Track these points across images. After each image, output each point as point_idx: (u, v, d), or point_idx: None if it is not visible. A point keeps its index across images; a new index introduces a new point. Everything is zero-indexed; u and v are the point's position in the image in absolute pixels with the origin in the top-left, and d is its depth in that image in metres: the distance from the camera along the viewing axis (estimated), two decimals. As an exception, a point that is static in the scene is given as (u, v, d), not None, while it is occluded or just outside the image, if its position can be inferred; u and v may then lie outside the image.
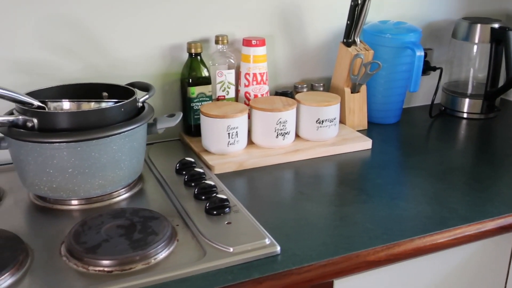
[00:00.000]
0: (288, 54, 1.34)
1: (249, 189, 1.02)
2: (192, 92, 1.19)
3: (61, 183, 0.89)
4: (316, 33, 1.36)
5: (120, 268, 0.74)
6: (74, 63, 1.13)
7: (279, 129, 1.13)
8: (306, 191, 1.00)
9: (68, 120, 0.88)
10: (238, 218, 0.87)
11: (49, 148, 0.87)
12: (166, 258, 0.77)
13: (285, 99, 1.19)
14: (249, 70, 1.22)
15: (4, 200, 0.97)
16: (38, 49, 1.09)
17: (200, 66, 1.19)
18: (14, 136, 0.87)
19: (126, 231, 0.81)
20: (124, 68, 1.17)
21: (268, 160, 1.11)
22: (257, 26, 1.29)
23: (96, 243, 0.78)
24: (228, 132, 1.09)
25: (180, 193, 0.96)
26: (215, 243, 0.79)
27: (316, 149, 1.16)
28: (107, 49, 1.15)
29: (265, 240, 0.80)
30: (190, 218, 0.87)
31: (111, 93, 1.04)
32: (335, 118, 1.19)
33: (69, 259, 0.77)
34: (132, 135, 0.93)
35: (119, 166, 0.93)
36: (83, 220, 0.84)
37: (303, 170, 1.09)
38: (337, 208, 0.93)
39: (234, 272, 0.74)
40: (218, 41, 1.21)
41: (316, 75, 1.39)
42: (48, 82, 1.07)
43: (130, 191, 0.99)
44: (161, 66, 1.21)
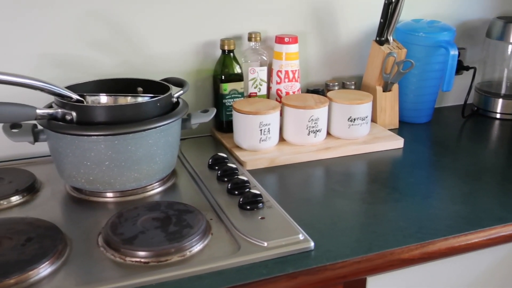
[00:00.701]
0: (319, 52, 1.34)
1: (281, 186, 1.02)
2: (225, 89, 1.20)
3: (98, 175, 0.91)
4: (348, 31, 1.35)
5: (156, 260, 0.75)
6: (110, 58, 1.15)
7: (310, 127, 1.13)
8: (338, 188, 1.00)
9: (106, 113, 0.89)
10: (271, 214, 0.87)
11: (87, 141, 0.88)
12: (201, 251, 0.78)
13: (317, 96, 1.19)
14: (281, 67, 1.23)
15: (41, 192, 0.99)
16: (76, 44, 1.11)
17: (233, 63, 1.20)
18: (53, 128, 0.89)
19: (161, 224, 0.82)
20: (158, 64, 1.19)
21: (300, 157, 1.11)
22: (289, 24, 1.29)
23: (133, 234, 0.79)
24: (260, 129, 1.09)
25: (213, 188, 0.97)
26: (249, 237, 0.80)
27: (347, 147, 1.16)
28: (142, 46, 1.17)
29: (299, 236, 0.80)
30: (223, 213, 0.88)
31: (146, 88, 1.06)
32: (367, 116, 1.19)
33: (107, 249, 0.78)
34: (167, 130, 0.94)
35: (154, 160, 0.94)
36: (120, 212, 0.86)
37: (334, 168, 1.09)
38: (369, 206, 0.93)
39: (269, 267, 0.75)
40: (251, 38, 1.22)
41: (347, 73, 1.39)
42: (85, 77, 1.09)
43: (163, 185, 1.00)
44: (194, 63, 1.22)
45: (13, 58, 1.07)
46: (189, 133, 1.18)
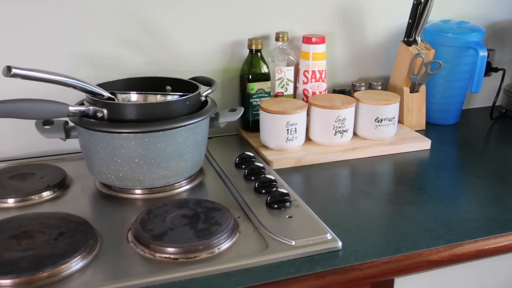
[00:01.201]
0: (346, 52, 1.34)
1: (307, 185, 1.02)
2: (252, 88, 1.20)
3: (128, 172, 0.93)
4: (375, 32, 1.35)
5: (185, 256, 0.76)
6: (139, 57, 1.16)
7: (337, 127, 1.13)
8: (365, 188, 1.00)
9: (136, 111, 0.91)
10: (299, 213, 0.87)
11: (117, 138, 0.90)
12: (229, 249, 0.79)
13: (344, 97, 1.19)
14: (308, 67, 1.23)
15: (71, 187, 1.01)
16: (107, 43, 1.13)
17: (260, 63, 1.20)
18: (85, 125, 0.91)
19: (190, 221, 0.83)
20: (186, 64, 1.20)
21: (326, 157, 1.11)
22: (317, 24, 1.29)
23: (162, 231, 0.80)
24: (287, 128, 1.10)
25: (240, 186, 0.97)
26: (277, 236, 0.80)
27: (374, 147, 1.16)
28: (170, 45, 1.18)
29: (327, 235, 0.80)
30: (251, 211, 0.88)
31: (175, 87, 1.07)
32: (394, 117, 1.18)
33: (136, 245, 0.79)
34: (196, 128, 0.95)
35: (183, 157, 0.95)
36: (149, 209, 0.87)
37: (360, 168, 1.09)
38: (397, 207, 0.93)
39: (296, 265, 0.75)
40: (278, 38, 1.22)
41: (374, 73, 1.38)
42: (115, 75, 1.11)
43: (191, 183, 1.01)
44: (222, 62, 1.23)
45: (46, 57, 1.10)
46: (215, 132, 1.19)
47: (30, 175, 1.01)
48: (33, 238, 0.79)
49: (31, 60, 1.08)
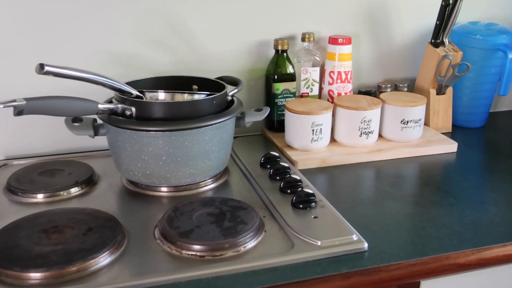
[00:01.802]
0: (372, 53, 1.34)
1: (332, 186, 1.02)
2: (277, 88, 1.20)
3: (155, 170, 0.93)
4: (402, 33, 1.34)
5: (211, 254, 0.77)
6: (166, 56, 1.17)
7: (363, 128, 1.13)
8: (391, 190, 0.99)
9: (164, 110, 0.92)
10: (324, 213, 0.87)
11: (145, 136, 0.91)
12: (255, 248, 0.79)
13: (370, 98, 1.19)
14: (334, 68, 1.23)
15: (99, 184, 1.02)
16: (134, 42, 1.14)
17: (286, 63, 1.20)
18: (114, 123, 0.92)
19: (216, 219, 0.84)
20: (212, 63, 1.21)
21: (351, 159, 1.11)
22: (343, 24, 1.29)
23: (189, 228, 0.81)
24: (313, 129, 1.10)
25: (265, 186, 0.98)
26: (303, 235, 0.80)
27: (399, 149, 1.15)
28: (197, 44, 1.19)
29: (353, 236, 0.80)
30: (276, 210, 0.89)
31: (201, 86, 1.08)
32: (420, 119, 1.17)
33: (163, 242, 0.80)
34: (222, 127, 0.96)
35: (209, 156, 0.96)
36: (175, 206, 0.88)
37: (386, 170, 1.09)
38: (423, 209, 0.92)
39: (322, 265, 0.75)
40: (304, 38, 1.22)
41: (400, 75, 1.37)
42: (142, 74, 1.12)
43: (216, 182, 1.02)
44: (248, 62, 1.24)
45: (76, 55, 1.11)
46: (240, 131, 1.19)
47: (59, 171, 1.03)
48: (62, 233, 0.80)
49: (61, 58, 1.10)
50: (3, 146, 1.13)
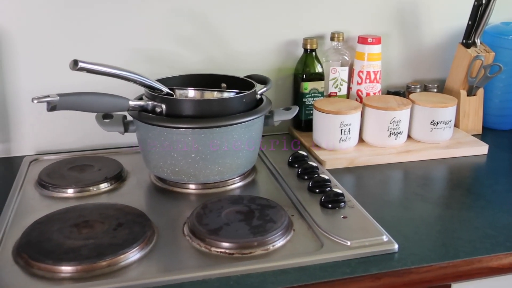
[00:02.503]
0: (402, 53, 1.32)
1: (361, 186, 1.01)
2: (305, 88, 1.20)
3: (184, 167, 0.94)
4: (432, 33, 1.32)
5: (241, 252, 0.77)
6: (195, 54, 1.18)
7: (392, 129, 1.12)
8: (420, 192, 0.98)
9: (194, 107, 0.92)
10: (353, 213, 0.87)
11: (175, 133, 0.91)
12: (284, 246, 0.79)
13: (399, 98, 1.18)
14: (363, 68, 1.22)
15: (127, 180, 1.03)
16: (164, 40, 1.15)
17: (314, 62, 1.20)
18: (144, 120, 0.93)
19: (245, 217, 0.84)
20: (241, 62, 1.21)
21: (380, 159, 1.10)
22: (372, 24, 1.28)
23: (218, 226, 0.81)
24: (341, 129, 1.09)
25: (293, 185, 0.97)
26: (332, 235, 0.80)
27: (428, 150, 1.13)
28: (225, 43, 1.19)
29: (383, 237, 0.79)
30: (305, 210, 0.88)
31: (230, 84, 1.08)
32: (450, 120, 1.16)
33: (192, 239, 0.80)
34: (251, 126, 0.96)
35: (238, 154, 0.96)
36: (204, 204, 0.88)
37: (415, 171, 1.07)
38: (454, 211, 0.90)
39: (352, 266, 0.74)
40: (333, 37, 1.21)
41: (429, 76, 1.36)
42: (172, 72, 1.12)
43: (244, 180, 1.02)
44: (276, 61, 1.24)
45: (107, 51, 1.13)
46: (267, 130, 1.19)
47: (89, 167, 1.04)
48: (93, 228, 0.81)
49: (91, 54, 1.11)
50: (35, 141, 1.15)
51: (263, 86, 1.05)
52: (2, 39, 1.08)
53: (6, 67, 1.09)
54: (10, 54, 1.09)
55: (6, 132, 1.14)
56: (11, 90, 1.11)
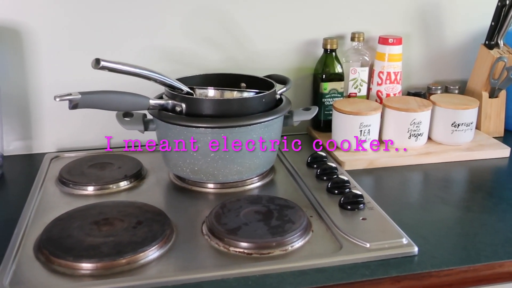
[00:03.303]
0: (422, 54, 1.31)
1: (380, 188, 1.01)
2: (325, 88, 1.19)
3: (203, 166, 0.94)
4: (454, 34, 1.31)
5: (259, 252, 0.76)
6: (214, 53, 1.18)
7: (412, 130, 1.11)
8: (441, 194, 0.97)
9: (214, 107, 0.92)
10: (372, 215, 0.86)
11: (195, 132, 0.91)
12: (302, 247, 0.79)
13: (420, 99, 1.16)
14: (383, 68, 1.21)
15: (147, 178, 1.03)
16: (185, 39, 1.15)
17: (334, 62, 1.19)
18: (164, 119, 0.93)
19: (263, 217, 0.83)
20: (260, 61, 1.21)
21: (399, 161, 1.09)
22: (393, 24, 1.27)
23: (236, 225, 0.81)
24: (361, 129, 1.08)
25: (312, 185, 0.97)
26: (351, 237, 0.79)
27: (449, 153, 1.12)
28: (245, 42, 1.19)
29: (402, 240, 0.79)
30: (324, 211, 0.88)
31: (249, 84, 1.08)
32: (472, 122, 1.14)
33: (211, 238, 0.80)
34: (271, 125, 0.96)
35: (257, 154, 0.96)
36: (223, 203, 0.88)
37: (435, 174, 1.06)
38: (475, 215, 0.89)
39: (371, 268, 0.74)
40: (354, 38, 1.21)
41: (450, 77, 1.34)
42: (190, 71, 1.13)
43: (262, 180, 1.02)
44: (295, 61, 1.23)
45: (127, 50, 1.13)
46: (286, 130, 1.18)
47: (109, 165, 1.05)
48: (113, 225, 0.81)
49: (112, 52, 1.12)
50: (55, 139, 1.16)
51: (282, 86, 1.05)
52: (25, 37, 1.09)
53: (28, 65, 1.11)
54: (32, 52, 1.10)
55: (27, 129, 1.15)
56: (33, 87, 1.12)
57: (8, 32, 1.08)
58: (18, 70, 1.10)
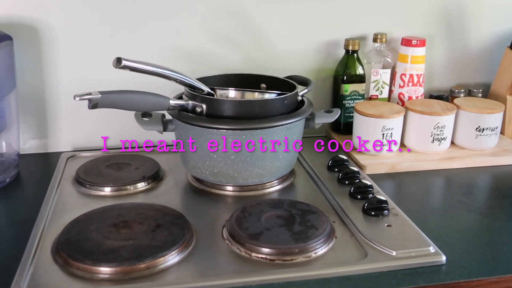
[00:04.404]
0: (446, 56, 1.28)
1: (403, 193, 0.98)
2: (346, 90, 1.17)
3: (223, 168, 0.92)
4: (479, 36, 1.28)
5: (282, 258, 0.74)
6: (234, 53, 1.16)
7: (435, 134, 1.08)
8: (466, 201, 0.94)
9: (235, 108, 0.90)
10: (397, 222, 0.84)
11: (215, 133, 0.89)
12: (326, 254, 0.76)
13: (443, 103, 1.14)
14: (406, 70, 1.18)
15: (165, 180, 1.02)
16: (204, 39, 1.13)
17: (356, 64, 1.17)
18: (184, 120, 0.91)
19: (285, 222, 0.81)
20: (280, 62, 1.19)
21: (422, 165, 1.07)
22: (416, 26, 1.24)
23: (258, 230, 0.79)
24: (383, 133, 1.06)
25: (333, 190, 0.95)
26: (376, 244, 0.77)
27: (473, 158, 1.09)
28: (265, 42, 1.17)
29: (430, 248, 0.76)
30: (347, 216, 0.86)
31: (269, 84, 1.06)
32: (497, 127, 1.11)
33: (232, 243, 0.78)
34: (292, 128, 0.94)
35: (277, 157, 0.94)
36: (243, 207, 0.86)
37: (459, 179, 1.04)
38: (503, 223, 0.87)
39: (398, 277, 0.71)
40: (376, 39, 1.18)
41: (474, 80, 1.31)
42: (210, 71, 1.11)
43: (282, 183, 1.00)
44: (316, 62, 1.21)
45: (146, 49, 1.12)
46: (305, 132, 1.16)
47: (126, 165, 1.03)
48: (131, 228, 0.80)
49: (131, 51, 1.11)
50: (71, 138, 1.15)
51: (303, 87, 1.03)
52: (43, 34, 1.08)
53: (45, 63, 1.09)
54: (50, 49, 1.09)
55: (44, 128, 1.14)
56: (50, 85, 1.11)
57: (26, 29, 1.07)
58: (35, 68, 1.09)
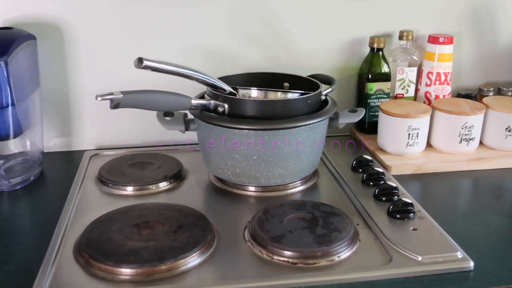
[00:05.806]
0: (474, 54, 1.25)
1: (430, 195, 0.96)
2: (370, 88, 1.15)
3: (245, 169, 0.91)
4: (509, 32, 1.24)
5: (304, 262, 0.73)
6: (257, 52, 1.15)
7: (463, 134, 1.05)
8: (496, 204, 0.91)
9: (257, 108, 0.89)
10: (423, 225, 0.82)
11: (238, 134, 0.88)
12: (349, 258, 0.75)
13: (472, 102, 1.11)
14: (433, 68, 1.15)
15: (187, 180, 1.01)
16: (226, 37, 1.12)
17: (381, 62, 1.14)
18: (206, 119, 0.90)
19: (308, 225, 0.80)
20: (303, 60, 1.17)
21: (449, 166, 1.04)
22: (442, 23, 1.21)
23: (281, 233, 0.78)
24: (409, 133, 1.04)
25: (357, 191, 0.93)
26: (402, 248, 0.75)
27: (502, 159, 1.06)
28: (288, 40, 1.16)
29: (457, 253, 0.74)
30: (371, 219, 0.84)
31: (292, 83, 1.04)
32: (527, 127, 1.08)
33: (254, 245, 0.77)
34: (315, 128, 0.92)
35: (300, 157, 0.92)
36: (266, 208, 0.85)
37: (488, 181, 1.01)
38: (534, 227, 0.84)
39: (424, 283, 0.69)
40: (402, 36, 1.16)
41: (503, 78, 1.28)
42: (232, 69, 1.10)
43: (305, 184, 0.98)
44: (340, 60, 1.19)
45: (168, 48, 1.11)
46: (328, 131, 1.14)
47: (148, 164, 1.03)
48: (153, 229, 0.79)
49: (153, 51, 1.10)
50: (95, 136, 1.15)
51: (327, 86, 1.01)
52: (67, 35, 1.08)
53: (69, 62, 1.10)
54: (74, 49, 1.09)
55: (67, 126, 1.14)
56: (73, 84, 1.11)
57: (49, 29, 1.07)
58: (59, 67, 1.10)
